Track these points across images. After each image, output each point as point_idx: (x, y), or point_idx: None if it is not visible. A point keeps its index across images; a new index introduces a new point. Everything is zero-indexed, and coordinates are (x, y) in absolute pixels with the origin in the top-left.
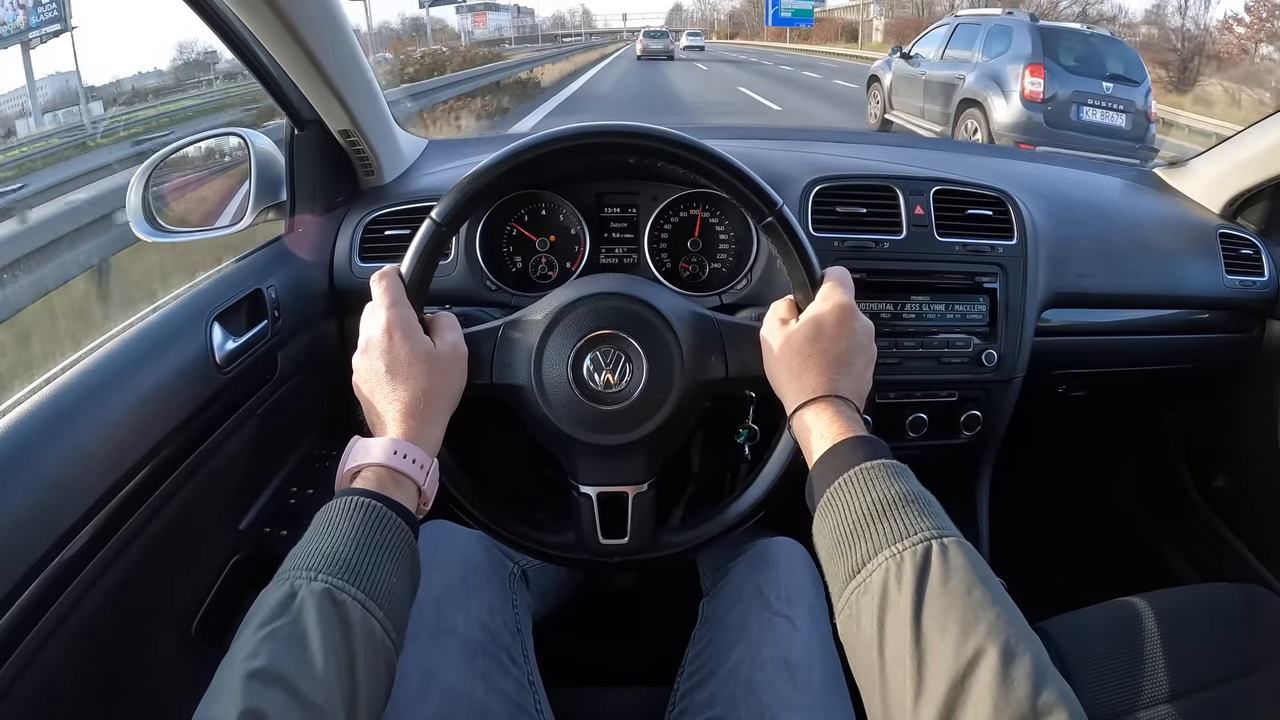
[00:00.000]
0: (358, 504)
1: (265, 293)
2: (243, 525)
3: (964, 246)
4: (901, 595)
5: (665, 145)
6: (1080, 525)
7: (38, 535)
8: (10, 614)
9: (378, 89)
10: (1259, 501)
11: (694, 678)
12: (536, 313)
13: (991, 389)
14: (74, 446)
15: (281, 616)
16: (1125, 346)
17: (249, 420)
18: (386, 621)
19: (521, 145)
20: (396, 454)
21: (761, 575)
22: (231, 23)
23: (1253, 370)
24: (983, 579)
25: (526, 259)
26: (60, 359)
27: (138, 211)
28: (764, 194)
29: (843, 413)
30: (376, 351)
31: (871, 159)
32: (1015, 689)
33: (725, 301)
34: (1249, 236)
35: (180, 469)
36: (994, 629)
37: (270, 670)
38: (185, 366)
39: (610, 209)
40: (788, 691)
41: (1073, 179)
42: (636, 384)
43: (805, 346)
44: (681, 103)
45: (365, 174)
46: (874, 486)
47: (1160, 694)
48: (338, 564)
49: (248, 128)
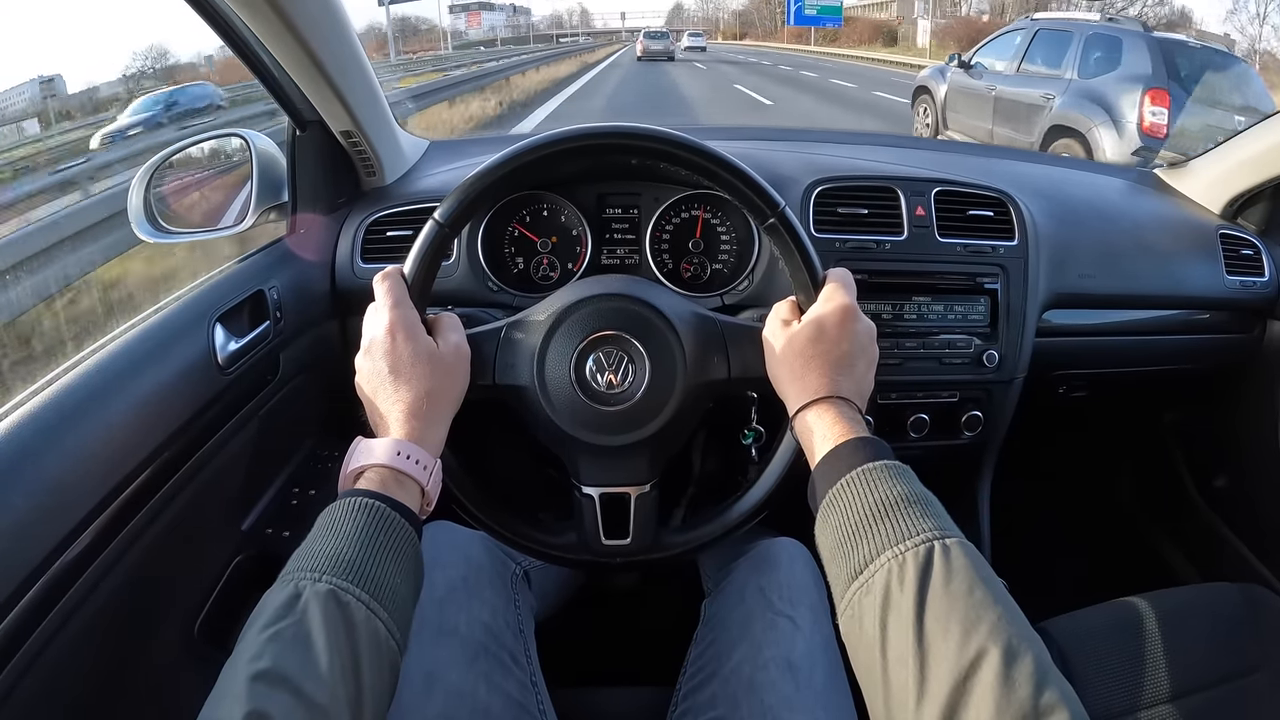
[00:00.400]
0: (361, 505)
1: (267, 294)
2: (245, 526)
3: (965, 247)
4: (904, 596)
5: (668, 146)
6: (1081, 525)
7: (40, 537)
8: (13, 615)
9: (379, 89)
10: (1259, 501)
11: (696, 678)
12: (539, 313)
13: (992, 389)
14: (76, 447)
15: (286, 618)
16: (1126, 347)
17: (251, 421)
18: (391, 622)
19: (524, 146)
20: (400, 454)
21: (764, 575)
22: (234, 23)
23: (1253, 371)
24: (984, 579)
25: (528, 260)
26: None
27: (139, 212)
28: (766, 195)
29: (845, 414)
30: (379, 352)
31: (872, 160)
32: (1017, 689)
33: (727, 302)
34: (1249, 237)
35: (182, 470)
36: (996, 629)
37: (275, 671)
38: (187, 367)
39: (612, 210)
40: (790, 692)
41: (1073, 179)
42: (639, 385)
43: (807, 348)
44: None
45: (367, 175)
46: (876, 487)
47: (1161, 694)
48: (342, 565)
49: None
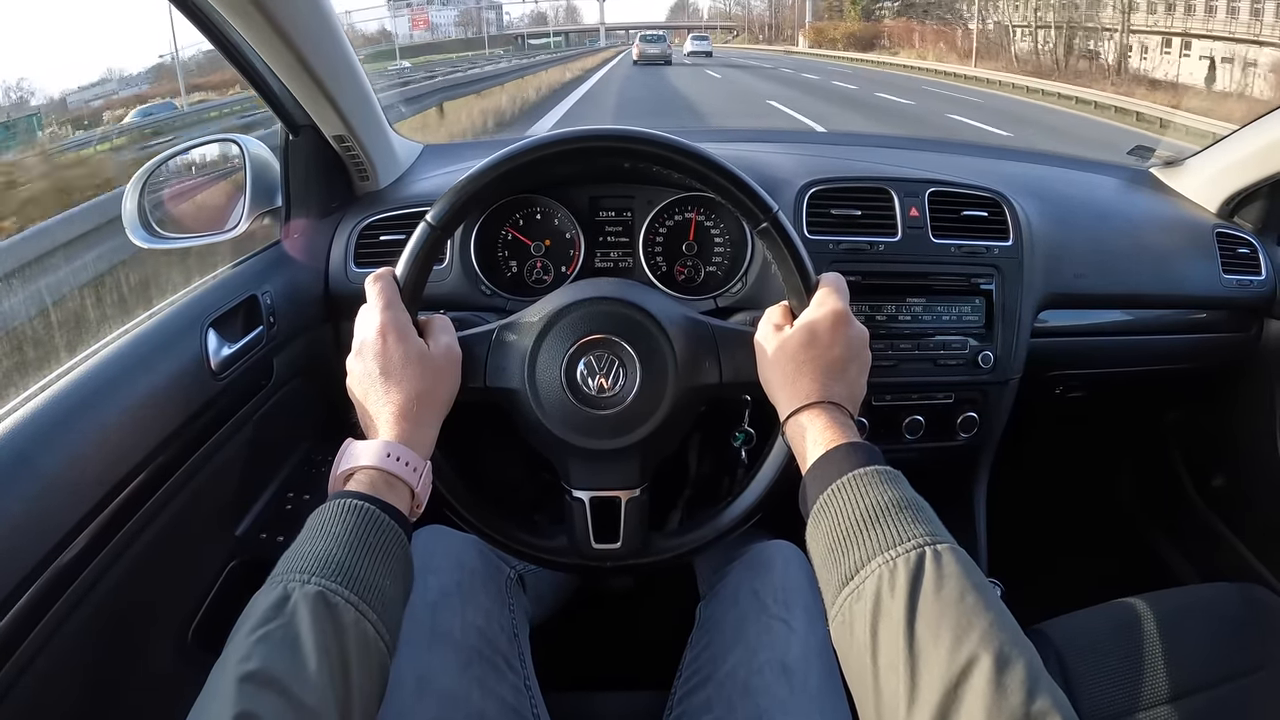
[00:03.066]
0: (350, 507)
1: (260, 298)
2: (239, 531)
3: (959, 248)
4: (894, 602)
5: (661, 150)
6: (1079, 526)
7: (34, 541)
8: (6, 620)
9: (372, 94)
10: (1258, 501)
11: (691, 681)
12: (531, 316)
13: (988, 390)
14: (70, 452)
15: (275, 619)
16: (1122, 347)
17: (245, 426)
18: (380, 624)
19: (517, 149)
20: (389, 456)
21: (758, 578)
22: (224, 29)
23: (1250, 369)
24: (976, 586)
25: (521, 263)
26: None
27: (133, 218)
28: (759, 199)
29: (836, 419)
30: (370, 353)
31: (865, 160)
32: (1009, 696)
33: (720, 305)
34: (1246, 235)
35: (176, 475)
36: (987, 636)
37: (264, 673)
38: (180, 372)
39: (605, 213)
40: (784, 695)
41: (1068, 179)
42: (630, 389)
43: (799, 352)
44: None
45: (360, 179)
46: (867, 493)
47: (1161, 694)
48: (331, 566)
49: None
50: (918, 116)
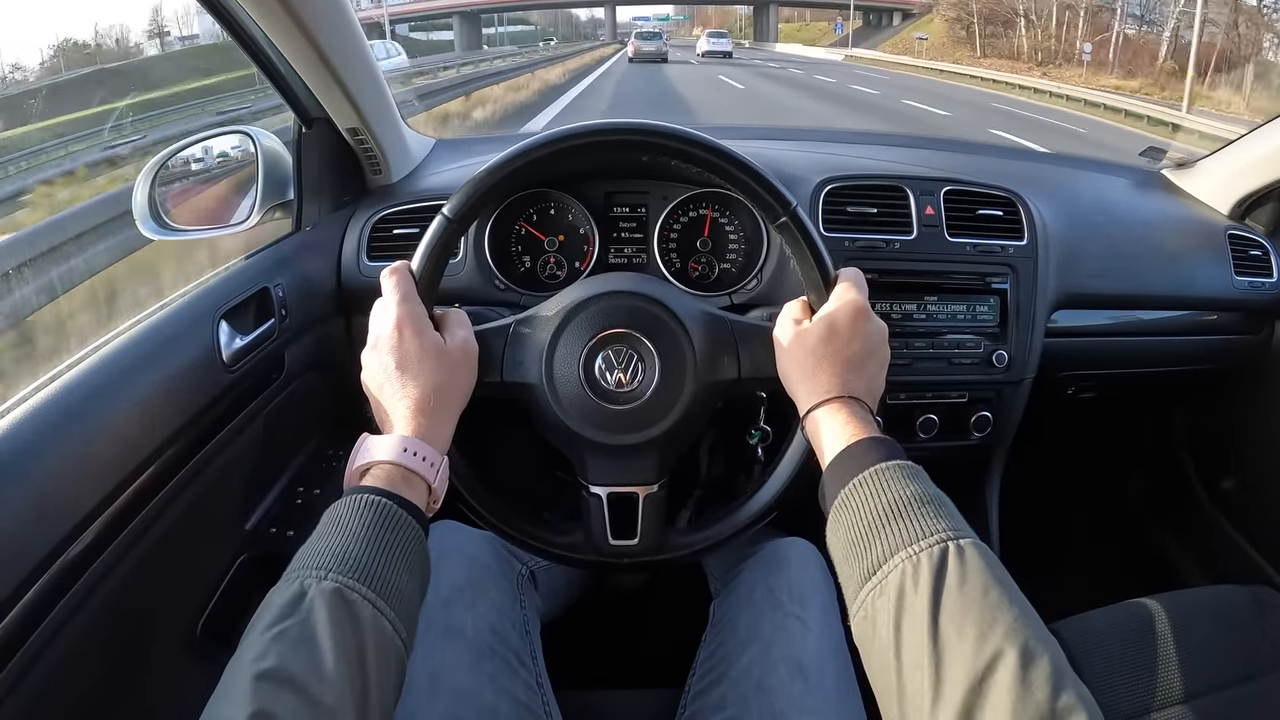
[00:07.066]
0: (368, 502)
1: (273, 291)
2: (249, 525)
3: (974, 247)
4: (918, 597)
5: (679, 143)
6: (1089, 527)
7: (43, 534)
8: (15, 613)
9: (386, 87)
10: (1268, 503)
11: (705, 679)
12: (548, 310)
13: (1001, 390)
14: (79, 444)
15: (291, 616)
16: (1134, 348)
17: (256, 419)
18: (397, 621)
19: (535, 142)
20: (406, 451)
21: (773, 576)
22: (241, 19)
23: (1262, 372)
24: (999, 580)
25: (535, 258)
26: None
27: (144, 209)
28: (778, 194)
29: (856, 414)
30: (386, 347)
31: (881, 159)
32: (1034, 691)
33: (735, 301)
34: (1258, 238)
35: (186, 468)
36: (1012, 631)
37: (280, 671)
38: (192, 364)
39: (619, 208)
40: (800, 693)
41: (1082, 180)
42: (648, 384)
43: (819, 347)
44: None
45: (373, 172)
46: (889, 487)
47: (1171, 696)
48: (348, 563)
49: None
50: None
